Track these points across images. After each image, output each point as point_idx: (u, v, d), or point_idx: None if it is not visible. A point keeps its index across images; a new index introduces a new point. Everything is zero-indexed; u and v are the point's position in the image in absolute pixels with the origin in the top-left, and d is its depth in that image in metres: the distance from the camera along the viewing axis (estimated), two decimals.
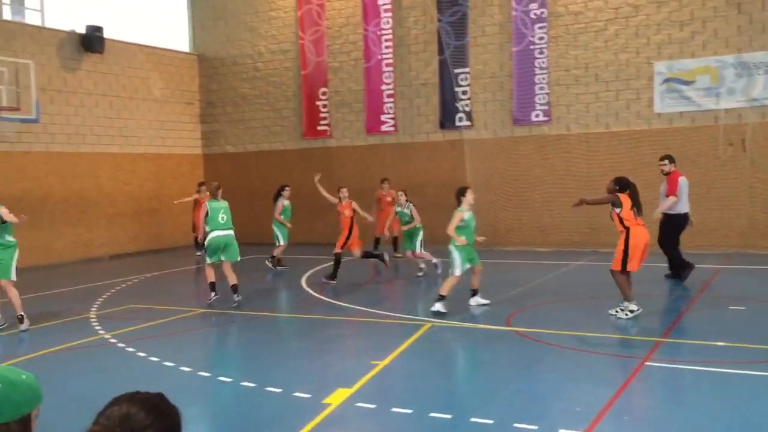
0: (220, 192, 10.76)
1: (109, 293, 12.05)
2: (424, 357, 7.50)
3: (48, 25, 17.45)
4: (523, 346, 7.81)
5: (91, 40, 17.46)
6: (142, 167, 19.09)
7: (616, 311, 8.89)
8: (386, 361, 7.14)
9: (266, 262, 14.68)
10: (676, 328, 8.26)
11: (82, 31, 17.50)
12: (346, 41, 19.02)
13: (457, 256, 9.67)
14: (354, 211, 12.84)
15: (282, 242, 14.45)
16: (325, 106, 19.38)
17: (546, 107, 16.74)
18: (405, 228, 13.29)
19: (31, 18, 17.55)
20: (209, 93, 21.05)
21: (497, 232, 16.96)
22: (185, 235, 19.35)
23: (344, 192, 13.20)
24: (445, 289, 9.51)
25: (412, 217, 13.21)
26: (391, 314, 9.61)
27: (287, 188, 14.78)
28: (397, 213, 13.59)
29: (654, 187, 15.50)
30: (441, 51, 17.70)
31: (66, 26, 17.54)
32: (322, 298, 11.26)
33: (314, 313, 10.03)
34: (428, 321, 8.95)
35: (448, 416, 5.44)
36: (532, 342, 7.92)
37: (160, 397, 1.80)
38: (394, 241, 15.86)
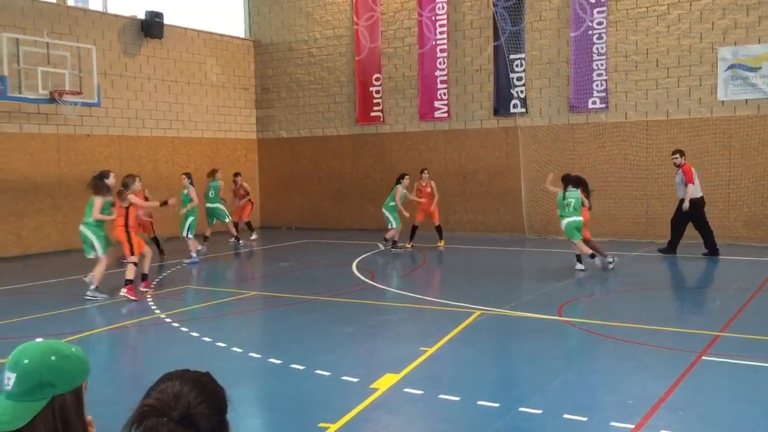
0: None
1: (165, 274, 12.33)
2: (473, 345, 7.46)
3: (110, 10, 17.87)
4: (574, 337, 7.69)
5: (151, 26, 17.82)
6: (199, 151, 19.43)
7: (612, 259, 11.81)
8: (434, 348, 7.12)
9: (379, 244, 15.06)
10: (735, 322, 8.00)
11: (142, 16, 17.87)
12: (401, 27, 18.93)
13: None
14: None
15: (395, 225, 14.91)
16: (378, 92, 19.36)
17: (603, 94, 16.37)
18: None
19: (94, 4, 17.99)
20: (264, 78, 21.26)
21: (551, 221, 16.71)
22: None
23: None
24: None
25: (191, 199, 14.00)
26: (441, 301, 9.58)
27: (406, 176, 15.16)
28: None
29: (719, 176, 15.05)
30: (496, 36, 17.46)
31: (127, 12, 17.93)
32: (372, 283, 11.29)
33: (363, 298, 10.07)
34: (477, 309, 8.88)
35: (496, 405, 5.39)
36: (584, 333, 7.78)
37: (208, 377, 1.82)
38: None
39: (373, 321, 8.73)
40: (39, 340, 1.94)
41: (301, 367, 6.50)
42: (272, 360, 6.83)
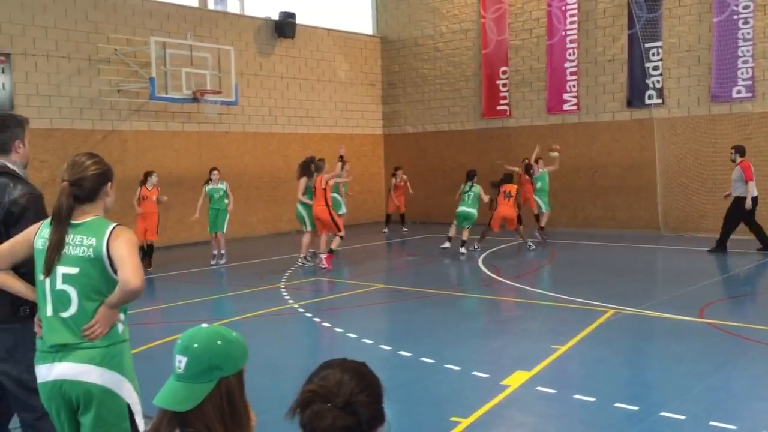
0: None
1: (296, 266, 12.77)
2: (607, 345, 7.21)
3: (246, 12, 18.69)
4: (719, 340, 7.26)
5: (284, 26, 18.47)
6: (328, 147, 19.92)
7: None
8: (566, 347, 6.96)
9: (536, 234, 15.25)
10: None
11: (276, 17, 18.55)
12: (529, 18, 18.56)
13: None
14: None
15: (545, 209, 15.28)
16: (505, 85, 19.09)
17: (750, 82, 15.31)
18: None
19: (232, 6, 18.88)
20: (391, 74, 21.50)
21: (688, 218, 15.87)
22: (366, 212, 20.07)
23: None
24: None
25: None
26: (571, 298, 9.33)
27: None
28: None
29: None
30: (631, 25, 16.74)
31: (262, 13, 18.69)
32: (500, 279, 11.18)
33: (491, 294, 9.98)
34: (611, 308, 8.58)
35: (635, 408, 5.19)
36: (730, 336, 7.34)
37: (367, 367, 1.86)
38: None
39: (502, 317, 8.65)
40: (204, 325, 2.06)
41: (431, 361, 6.54)
42: (402, 352, 6.92)
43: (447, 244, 13.91)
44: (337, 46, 20.31)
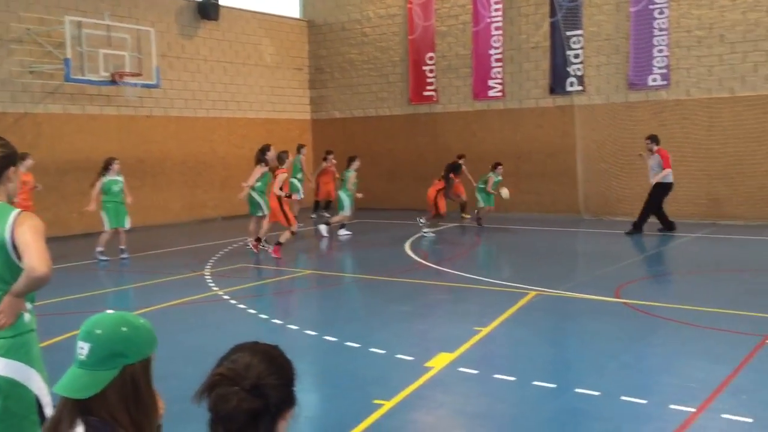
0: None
1: (221, 253, 12.57)
2: (528, 325, 7.40)
3: None
4: (633, 319, 7.55)
5: (207, 8, 18.03)
6: (254, 131, 19.66)
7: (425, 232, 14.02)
8: (489, 328, 7.10)
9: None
10: None
11: None
12: (455, 5, 18.71)
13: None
14: None
15: (483, 204, 15.59)
16: (432, 71, 19.22)
17: (665, 71, 15.90)
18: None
19: None
20: (318, 59, 21.33)
21: (607, 202, 16.41)
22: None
23: None
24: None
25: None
26: (495, 281, 9.52)
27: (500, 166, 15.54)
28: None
29: None
30: (553, 13, 17.10)
31: None
32: (425, 263, 11.30)
33: (417, 278, 10.08)
34: (532, 290, 8.80)
35: (553, 385, 5.35)
36: (643, 315, 7.64)
37: (278, 350, 1.86)
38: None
39: (428, 301, 8.75)
40: (109, 311, 2.00)
41: (356, 345, 6.56)
42: (328, 337, 6.91)
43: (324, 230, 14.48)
44: (263, 29, 19.99)
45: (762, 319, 7.18)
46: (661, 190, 13.59)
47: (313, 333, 7.15)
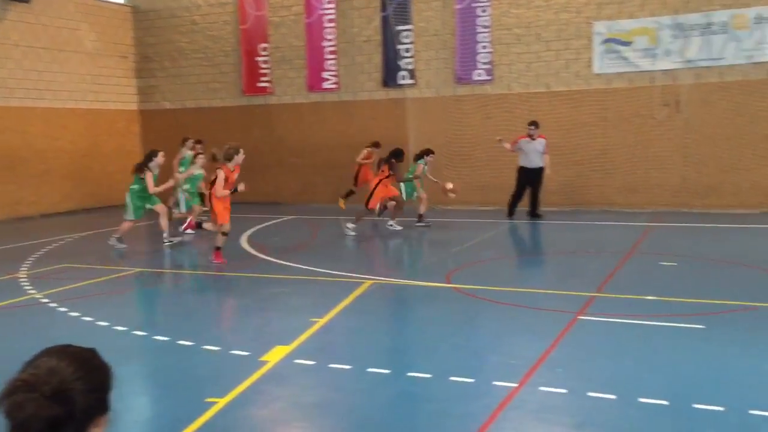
0: None
1: (40, 253, 11.66)
2: (364, 314, 7.52)
3: None
4: (462, 302, 7.91)
5: None
6: (74, 123, 18.40)
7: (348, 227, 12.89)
8: (326, 319, 7.13)
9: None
10: (609, 284, 8.48)
11: None
12: None
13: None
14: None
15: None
16: (266, 62, 18.95)
17: (488, 66, 16.76)
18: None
19: None
20: (145, 47, 20.32)
21: (439, 192, 17.03)
22: (121, 193, 18.85)
23: None
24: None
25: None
26: (332, 272, 9.58)
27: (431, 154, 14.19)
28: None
29: (595, 146, 15.83)
30: (384, 7, 17.45)
31: None
32: (262, 256, 11.15)
33: (253, 272, 9.93)
34: (368, 279, 8.96)
35: (387, 371, 5.48)
36: (471, 298, 8.02)
37: (92, 353, 1.74)
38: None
39: (263, 294, 8.63)
40: None
41: (189, 343, 6.34)
42: (158, 337, 6.63)
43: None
44: (81, 13, 18.70)
45: (576, 297, 7.79)
46: (539, 175, 14.32)
47: (143, 333, 6.82)
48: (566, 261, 10.52)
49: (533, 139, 14.30)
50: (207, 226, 10.93)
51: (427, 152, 14.06)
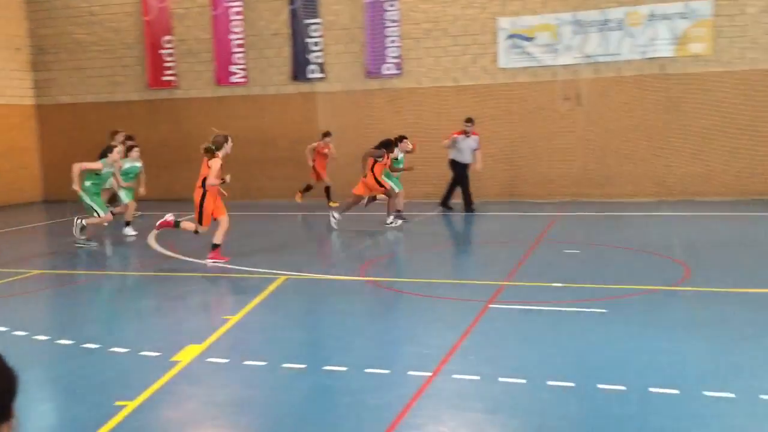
0: None
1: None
2: (279, 310, 7.47)
3: None
4: (376, 295, 7.98)
5: None
6: None
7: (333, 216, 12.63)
8: (239, 316, 7.04)
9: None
10: (517, 272, 8.75)
11: None
12: None
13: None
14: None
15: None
16: (171, 55, 18.44)
17: (398, 60, 16.91)
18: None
19: None
20: (40, 38, 19.37)
21: (351, 185, 17.05)
22: (19, 193, 17.94)
23: None
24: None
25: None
26: (245, 268, 9.45)
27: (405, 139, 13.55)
28: None
29: (502, 139, 16.24)
30: (291, 0, 17.30)
31: None
32: (172, 254, 10.87)
33: (163, 270, 9.67)
34: (283, 274, 8.89)
35: (302, 366, 5.46)
36: (385, 290, 8.10)
37: None
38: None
39: (175, 293, 8.43)
40: None
41: (95, 346, 6.12)
42: (62, 341, 6.36)
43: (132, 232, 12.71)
44: None
45: (486, 286, 8.00)
46: (463, 169, 14.57)
47: (45, 338, 6.53)
48: (477, 251, 10.77)
49: (468, 136, 14.51)
50: (186, 225, 10.44)
51: (401, 139, 13.49)
